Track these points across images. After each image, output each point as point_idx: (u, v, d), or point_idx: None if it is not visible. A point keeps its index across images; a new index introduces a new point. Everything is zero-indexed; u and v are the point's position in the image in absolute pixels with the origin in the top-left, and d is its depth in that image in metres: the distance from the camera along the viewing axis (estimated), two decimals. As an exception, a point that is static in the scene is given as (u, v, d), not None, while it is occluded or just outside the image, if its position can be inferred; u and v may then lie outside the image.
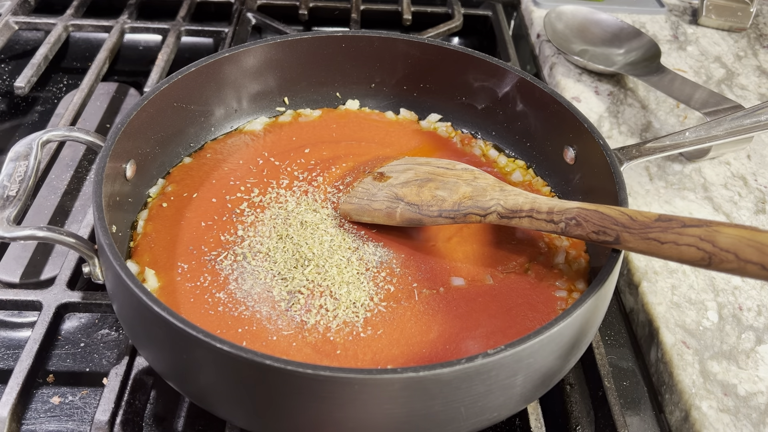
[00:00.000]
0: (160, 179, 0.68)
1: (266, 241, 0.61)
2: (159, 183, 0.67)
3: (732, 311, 0.65)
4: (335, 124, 0.76)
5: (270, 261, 0.59)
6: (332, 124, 0.77)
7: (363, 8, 1.06)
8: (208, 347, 0.43)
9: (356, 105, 0.79)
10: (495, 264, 0.61)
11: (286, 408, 0.45)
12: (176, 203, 0.65)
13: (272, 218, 0.64)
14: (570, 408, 0.59)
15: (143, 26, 0.99)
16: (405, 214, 0.61)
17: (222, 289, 0.57)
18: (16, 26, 0.97)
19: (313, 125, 0.76)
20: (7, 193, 0.55)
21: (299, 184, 0.68)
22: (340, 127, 0.76)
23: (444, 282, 0.59)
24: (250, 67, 0.73)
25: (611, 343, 0.66)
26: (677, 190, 0.77)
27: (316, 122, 0.77)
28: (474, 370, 0.43)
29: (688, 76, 0.96)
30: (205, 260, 0.60)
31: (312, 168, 0.70)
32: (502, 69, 0.72)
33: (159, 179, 0.68)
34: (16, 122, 0.90)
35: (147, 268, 0.59)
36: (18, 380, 0.54)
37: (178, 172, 0.69)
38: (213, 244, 0.61)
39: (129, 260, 0.60)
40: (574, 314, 0.46)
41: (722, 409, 0.57)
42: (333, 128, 0.76)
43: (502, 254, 0.62)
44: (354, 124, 0.77)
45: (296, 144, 0.73)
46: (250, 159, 0.71)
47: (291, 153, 0.72)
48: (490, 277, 0.60)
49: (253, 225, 0.63)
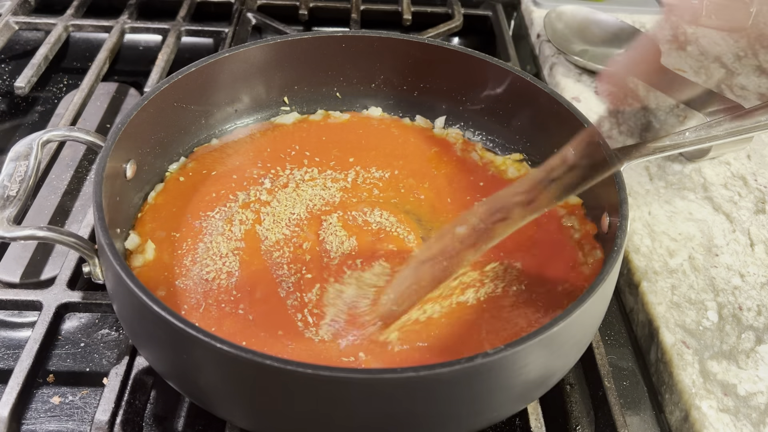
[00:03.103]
0: (182, 157, 0.71)
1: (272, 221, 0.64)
2: (180, 160, 0.70)
3: (732, 311, 0.65)
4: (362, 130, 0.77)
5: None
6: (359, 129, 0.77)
7: (363, 8, 1.06)
8: (208, 347, 0.43)
9: (378, 112, 0.79)
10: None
11: (286, 408, 0.46)
12: (193, 178, 0.68)
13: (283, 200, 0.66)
14: (570, 408, 0.59)
15: (143, 26, 0.99)
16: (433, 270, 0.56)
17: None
18: (16, 26, 0.97)
19: (341, 127, 0.77)
20: (8, 193, 0.55)
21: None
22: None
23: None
24: (250, 68, 0.73)
25: (611, 343, 0.66)
26: (677, 190, 0.77)
27: (343, 124, 0.78)
28: (474, 370, 0.43)
29: (688, 76, 0.96)
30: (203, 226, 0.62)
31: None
32: (502, 69, 0.72)
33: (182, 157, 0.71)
34: (16, 122, 0.90)
35: (149, 240, 0.60)
36: (18, 380, 0.54)
37: (202, 151, 0.72)
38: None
39: (132, 231, 0.61)
40: (574, 314, 0.46)
41: (722, 409, 0.57)
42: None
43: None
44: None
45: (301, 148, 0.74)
46: (280, 149, 0.73)
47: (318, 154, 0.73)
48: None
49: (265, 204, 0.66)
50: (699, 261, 0.69)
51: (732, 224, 0.74)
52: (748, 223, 0.74)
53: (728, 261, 0.70)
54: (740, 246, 0.71)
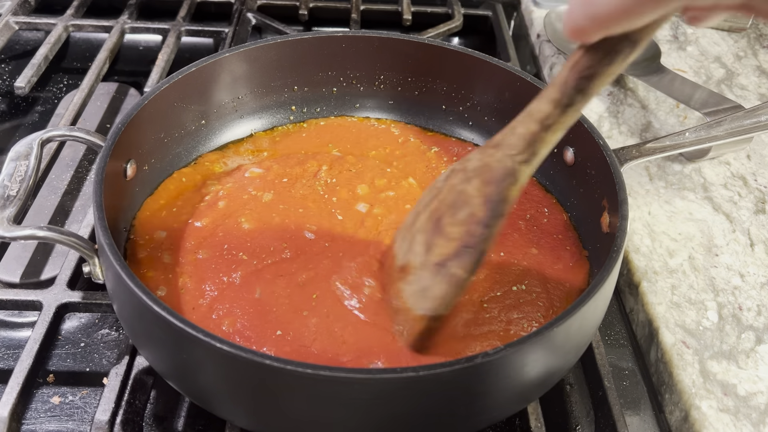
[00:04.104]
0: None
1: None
2: (181, 160, 0.71)
3: (732, 311, 0.65)
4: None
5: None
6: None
7: (363, 8, 1.06)
8: (208, 347, 0.43)
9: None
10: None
11: (286, 408, 0.46)
12: (194, 178, 0.69)
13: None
14: (570, 408, 0.59)
15: (143, 26, 0.99)
16: (463, 263, 0.49)
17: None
18: (16, 26, 0.97)
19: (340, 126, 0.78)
20: (8, 193, 0.55)
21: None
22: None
23: None
24: (250, 68, 0.73)
25: (611, 343, 0.66)
26: (677, 190, 0.78)
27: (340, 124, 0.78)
28: (474, 370, 0.43)
29: (688, 76, 0.96)
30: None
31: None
32: (502, 69, 0.72)
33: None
34: (16, 122, 0.90)
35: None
36: (18, 380, 0.54)
37: (203, 150, 0.72)
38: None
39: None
40: (574, 314, 0.46)
41: (722, 409, 0.57)
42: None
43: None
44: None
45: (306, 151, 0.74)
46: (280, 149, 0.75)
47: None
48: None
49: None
50: (699, 261, 0.69)
51: (732, 224, 0.74)
52: (748, 223, 0.74)
53: (728, 261, 0.70)
54: (740, 246, 0.71)
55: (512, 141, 0.47)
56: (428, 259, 0.51)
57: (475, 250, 0.48)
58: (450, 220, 0.50)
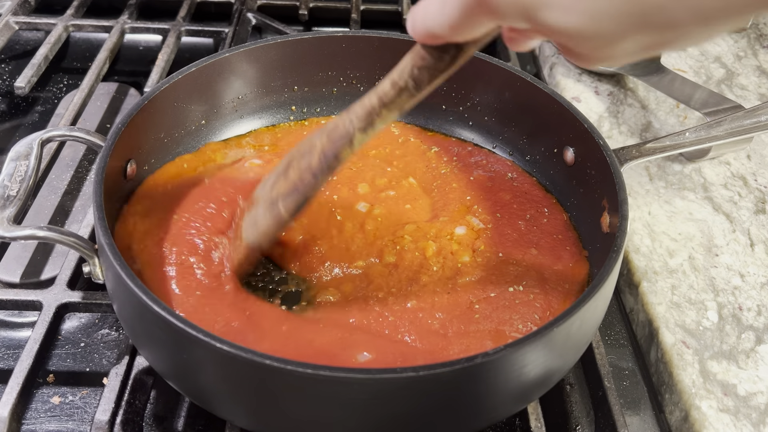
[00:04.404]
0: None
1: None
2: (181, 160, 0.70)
3: (732, 311, 0.65)
4: None
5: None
6: None
7: (363, 8, 1.06)
8: (208, 347, 0.43)
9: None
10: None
11: (286, 408, 0.46)
12: (194, 178, 0.68)
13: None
14: (570, 408, 0.59)
15: (143, 26, 0.99)
16: (287, 204, 0.55)
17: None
18: (16, 26, 0.97)
19: None
20: (8, 193, 0.55)
21: None
22: None
23: None
24: (250, 68, 0.73)
25: (611, 343, 0.66)
26: (677, 190, 0.78)
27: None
28: (474, 370, 0.43)
29: (688, 76, 0.96)
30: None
31: None
32: (502, 69, 0.72)
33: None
34: (16, 122, 0.90)
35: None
36: (18, 380, 0.54)
37: (203, 150, 0.72)
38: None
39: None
40: (574, 314, 0.46)
41: (722, 409, 0.57)
42: None
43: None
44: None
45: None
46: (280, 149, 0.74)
47: None
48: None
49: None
50: (699, 261, 0.69)
51: (732, 224, 0.74)
52: (748, 223, 0.74)
53: (728, 261, 0.70)
54: (740, 246, 0.71)
55: (357, 109, 0.51)
56: (269, 195, 0.57)
57: (299, 193, 0.54)
58: (295, 165, 0.55)
